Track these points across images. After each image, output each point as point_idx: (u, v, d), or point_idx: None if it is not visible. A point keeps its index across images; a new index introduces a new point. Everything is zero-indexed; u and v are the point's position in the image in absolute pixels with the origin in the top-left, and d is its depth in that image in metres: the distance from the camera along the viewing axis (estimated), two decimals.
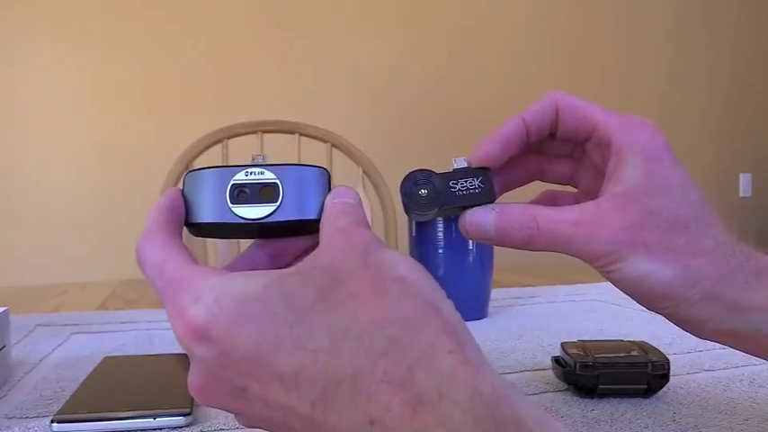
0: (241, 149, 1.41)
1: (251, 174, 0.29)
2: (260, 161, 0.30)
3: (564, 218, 0.30)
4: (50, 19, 2.37)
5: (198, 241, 1.18)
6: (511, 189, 0.37)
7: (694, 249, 0.29)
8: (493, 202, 0.32)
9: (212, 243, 1.28)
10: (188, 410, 0.38)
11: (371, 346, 0.21)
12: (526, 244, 0.31)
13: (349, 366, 0.21)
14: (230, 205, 0.29)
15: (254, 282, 0.23)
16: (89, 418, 0.37)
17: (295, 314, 0.22)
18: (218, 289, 0.23)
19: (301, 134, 1.38)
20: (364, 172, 1.36)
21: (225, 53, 2.53)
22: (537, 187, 0.38)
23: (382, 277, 0.23)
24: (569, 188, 0.37)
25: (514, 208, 0.32)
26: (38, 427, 0.38)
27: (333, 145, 1.38)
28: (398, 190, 0.33)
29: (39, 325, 0.66)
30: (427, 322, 0.22)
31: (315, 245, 0.26)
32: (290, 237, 0.31)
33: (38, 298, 0.88)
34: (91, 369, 0.48)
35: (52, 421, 0.37)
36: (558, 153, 0.37)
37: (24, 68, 2.36)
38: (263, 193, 0.29)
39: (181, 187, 0.30)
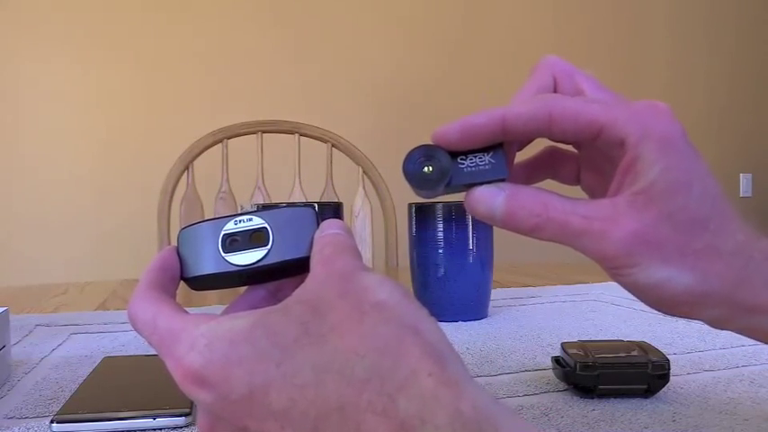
0: (241, 149, 1.41)
1: (240, 222, 0.30)
2: (248, 208, 0.30)
3: (575, 210, 0.29)
4: (51, 19, 2.37)
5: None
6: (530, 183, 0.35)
7: (713, 253, 0.28)
8: (504, 180, 0.30)
9: None
10: (188, 410, 0.38)
11: (353, 377, 0.21)
12: (532, 231, 0.30)
13: (335, 399, 0.21)
14: (223, 254, 0.29)
15: (242, 322, 0.24)
16: (89, 419, 0.37)
17: (280, 351, 0.23)
18: (209, 334, 0.24)
19: (301, 134, 1.38)
20: (364, 172, 1.36)
21: (224, 53, 2.53)
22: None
23: (361, 304, 0.23)
24: (570, 184, 0.36)
25: (525, 192, 0.30)
26: (37, 427, 0.38)
27: (333, 145, 1.38)
28: (402, 169, 0.31)
29: (38, 325, 0.66)
30: (406, 346, 0.22)
31: None
32: (286, 277, 0.31)
33: (38, 298, 0.88)
34: (91, 369, 0.48)
35: (52, 421, 0.37)
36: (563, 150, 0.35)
37: (25, 68, 2.36)
38: (253, 239, 0.29)
39: (176, 245, 0.31)
